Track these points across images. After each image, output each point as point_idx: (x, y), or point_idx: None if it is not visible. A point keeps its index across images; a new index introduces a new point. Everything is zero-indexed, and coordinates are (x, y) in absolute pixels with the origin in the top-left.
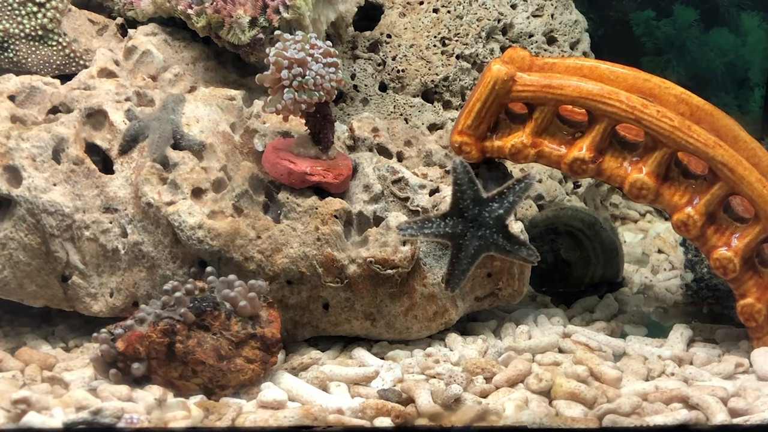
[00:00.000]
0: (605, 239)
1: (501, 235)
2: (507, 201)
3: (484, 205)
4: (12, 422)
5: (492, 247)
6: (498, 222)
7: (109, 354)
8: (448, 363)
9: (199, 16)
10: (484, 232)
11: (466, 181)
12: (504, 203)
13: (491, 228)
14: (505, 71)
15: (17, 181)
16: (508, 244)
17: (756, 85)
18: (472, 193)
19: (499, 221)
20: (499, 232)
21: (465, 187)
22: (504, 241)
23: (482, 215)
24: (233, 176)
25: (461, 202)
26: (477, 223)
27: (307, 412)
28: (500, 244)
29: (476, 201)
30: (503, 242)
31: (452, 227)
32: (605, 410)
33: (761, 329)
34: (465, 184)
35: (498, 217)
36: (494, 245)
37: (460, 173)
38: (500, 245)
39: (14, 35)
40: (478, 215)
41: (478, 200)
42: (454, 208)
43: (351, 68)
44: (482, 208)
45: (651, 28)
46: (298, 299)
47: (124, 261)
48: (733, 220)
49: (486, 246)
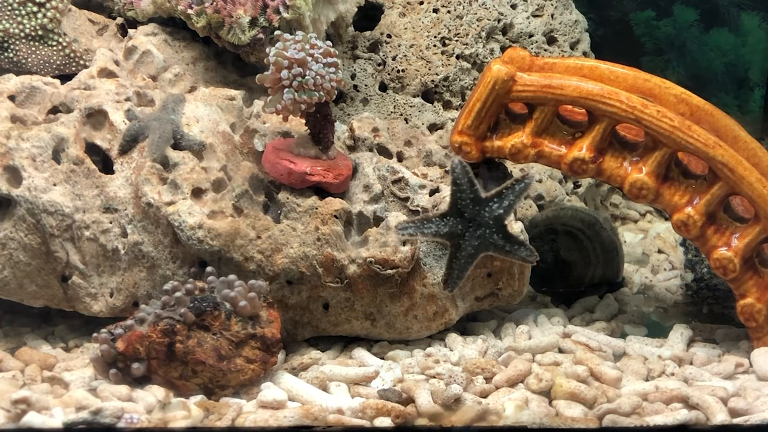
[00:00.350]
0: (605, 239)
1: (500, 235)
2: (506, 201)
3: (482, 205)
4: (12, 422)
5: (491, 247)
6: (497, 222)
7: (109, 354)
8: (448, 363)
9: (199, 16)
10: (482, 232)
11: (465, 181)
12: (503, 203)
13: (490, 228)
14: (505, 71)
15: (17, 181)
16: (506, 244)
17: (756, 85)
18: (470, 193)
19: (498, 221)
20: (497, 232)
21: (464, 187)
22: (503, 241)
23: (481, 215)
24: (233, 176)
25: (460, 202)
26: (476, 223)
27: (307, 412)
28: (499, 244)
29: (475, 201)
30: (502, 242)
31: (451, 227)
32: (605, 410)
33: (761, 329)
34: (464, 184)
35: (497, 217)
36: (493, 245)
37: (458, 173)
38: (499, 245)
39: (14, 35)
40: (477, 215)
41: (476, 200)
42: (453, 207)
43: (351, 68)
44: (481, 208)
45: (651, 28)
46: (298, 299)
47: (124, 261)
48: (733, 220)
49: (485, 246)
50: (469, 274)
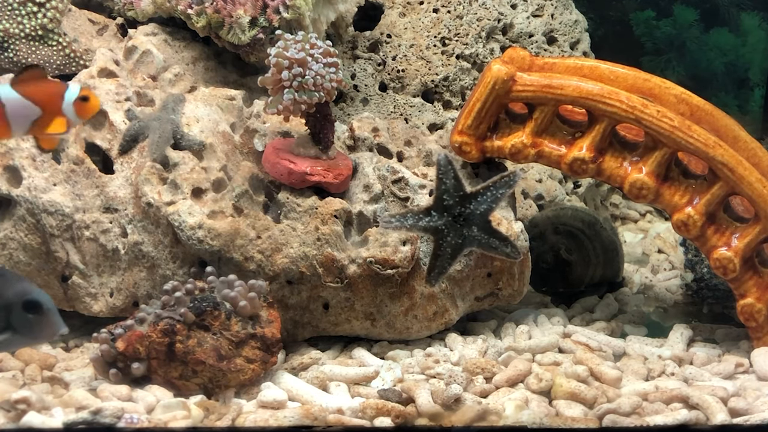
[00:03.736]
0: (605, 239)
1: (484, 230)
2: (491, 196)
3: (467, 200)
4: (12, 422)
5: (474, 243)
6: (481, 217)
7: (109, 354)
8: (448, 363)
9: (199, 16)
10: (467, 227)
11: (451, 175)
12: (488, 199)
13: (474, 223)
14: (505, 71)
15: (17, 181)
16: (491, 240)
17: (756, 85)
18: (455, 187)
19: (483, 217)
20: (481, 227)
21: (449, 181)
22: (487, 237)
23: (466, 210)
24: (233, 176)
25: (445, 197)
26: (460, 218)
27: (307, 412)
28: (483, 239)
29: (460, 196)
30: (486, 238)
31: (435, 221)
32: (605, 410)
33: (761, 329)
34: (449, 178)
35: (481, 212)
36: (477, 241)
37: (444, 167)
38: (483, 241)
39: (14, 35)
40: (462, 210)
41: (461, 195)
42: (438, 202)
43: (351, 68)
44: (466, 203)
45: (651, 28)
46: (298, 299)
47: (124, 261)
48: (733, 220)
49: (468, 241)
50: (469, 274)
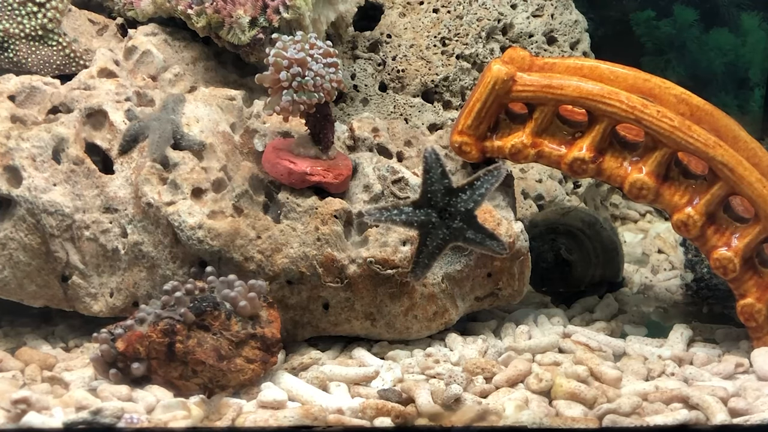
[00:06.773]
0: (605, 239)
1: (469, 225)
2: (477, 192)
3: (453, 195)
4: (12, 422)
5: (460, 238)
6: (467, 213)
7: (109, 354)
8: (448, 363)
9: (199, 16)
10: (452, 222)
11: (437, 170)
12: (474, 194)
13: (460, 218)
14: (505, 71)
15: (17, 181)
16: (477, 236)
17: (756, 85)
18: (442, 182)
19: (469, 212)
20: (467, 222)
21: (435, 176)
22: (472, 232)
23: (452, 205)
24: (233, 176)
25: (431, 191)
26: (446, 212)
27: (307, 412)
28: (468, 235)
29: (446, 191)
30: (471, 233)
31: (421, 216)
32: (605, 410)
33: (761, 329)
34: (436, 173)
35: (467, 207)
36: (462, 236)
37: (431, 162)
38: (468, 236)
39: (14, 35)
40: (448, 205)
41: (448, 190)
42: (424, 196)
43: (351, 68)
44: (452, 198)
45: (651, 28)
46: (298, 299)
47: (124, 261)
48: (733, 220)
49: (454, 236)
50: (469, 274)
